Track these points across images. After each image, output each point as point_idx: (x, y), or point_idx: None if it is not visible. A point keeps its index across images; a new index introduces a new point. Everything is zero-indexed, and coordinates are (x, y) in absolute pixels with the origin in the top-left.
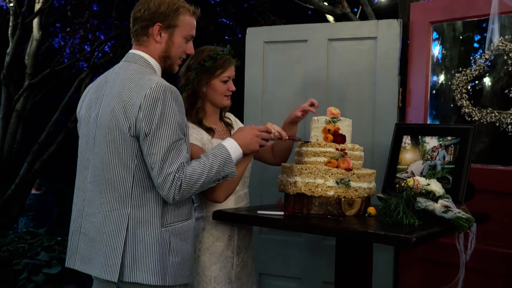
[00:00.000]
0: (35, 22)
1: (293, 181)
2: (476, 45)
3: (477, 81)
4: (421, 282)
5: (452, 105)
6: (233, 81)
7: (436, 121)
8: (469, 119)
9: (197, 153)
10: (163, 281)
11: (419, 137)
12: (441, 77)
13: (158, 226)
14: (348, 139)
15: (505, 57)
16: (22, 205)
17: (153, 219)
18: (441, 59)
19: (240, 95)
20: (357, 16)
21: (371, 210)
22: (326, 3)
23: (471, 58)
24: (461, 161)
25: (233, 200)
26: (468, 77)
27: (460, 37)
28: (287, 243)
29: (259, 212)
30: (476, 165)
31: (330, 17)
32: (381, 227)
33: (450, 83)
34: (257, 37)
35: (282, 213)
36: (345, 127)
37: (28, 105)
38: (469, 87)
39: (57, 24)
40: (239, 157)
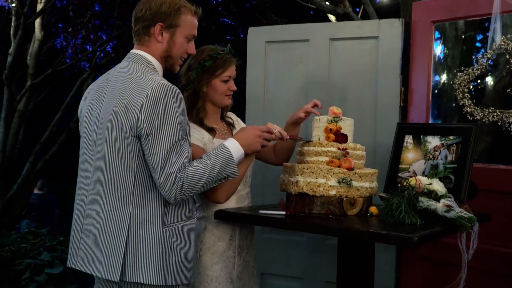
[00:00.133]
0: (37, 22)
1: (295, 180)
2: (479, 44)
3: (479, 81)
4: (423, 282)
5: (454, 105)
6: (235, 80)
7: (438, 121)
8: (471, 119)
9: (198, 153)
10: (164, 280)
11: (421, 136)
12: (443, 77)
13: (160, 226)
14: (350, 138)
15: (507, 56)
16: (24, 205)
17: (154, 219)
18: (443, 59)
19: (241, 94)
20: (359, 16)
21: (373, 209)
22: (328, 2)
23: (473, 58)
24: (463, 160)
25: (234, 200)
26: (470, 77)
27: (462, 36)
28: (289, 242)
29: (260, 212)
30: (478, 164)
31: (332, 17)
32: (383, 226)
33: (452, 83)
34: (258, 37)
35: (284, 212)
36: (347, 126)
37: (30, 105)
38: (471, 86)
39: (59, 24)
40: (240, 157)
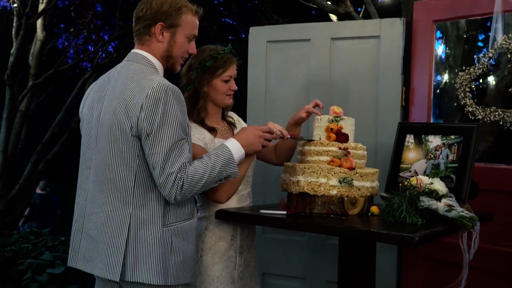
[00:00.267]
0: (39, 23)
1: (295, 180)
2: (480, 44)
3: (481, 80)
4: (424, 282)
5: (455, 104)
6: (236, 80)
7: (439, 120)
8: (472, 118)
9: (199, 153)
10: (164, 280)
11: (423, 136)
12: (445, 76)
13: (160, 225)
14: (351, 138)
15: (508, 56)
16: (26, 205)
17: (155, 219)
18: (444, 58)
19: (243, 94)
20: (360, 15)
21: (374, 209)
22: (329, 2)
23: (474, 57)
24: (464, 160)
25: (236, 200)
26: (472, 76)
27: (464, 35)
28: (290, 242)
29: (261, 212)
30: (480, 164)
31: (333, 16)
32: (384, 226)
33: (453, 82)
34: (260, 36)
35: (285, 212)
36: (348, 126)
37: (32, 106)
38: (472, 85)
39: (61, 25)
40: (241, 157)
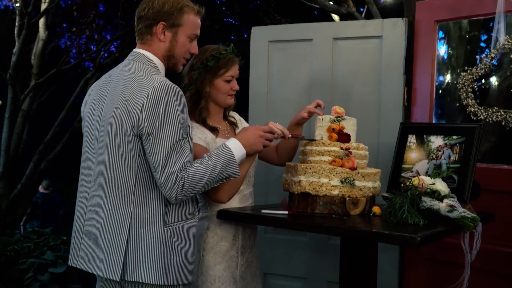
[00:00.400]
0: (41, 22)
1: (297, 180)
2: (483, 44)
3: (483, 80)
4: (426, 282)
5: (457, 104)
6: (238, 80)
7: (441, 121)
8: (474, 118)
9: (200, 153)
10: (165, 280)
11: (424, 136)
12: (447, 76)
13: (161, 225)
14: (353, 138)
15: (511, 56)
16: (28, 205)
17: (155, 218)
18: (447, 58)
19: (244, 94)
20: (363, 15)
21: (376, 209)
22: (331, 2)
23: (477, 57)
24: (466, 160)
25: (237, 200)
26: (474, 76)
27: (466, 36)
28: (291, 242)
29: (263, 212)
30: (482, 164)
31: (335, 16)
32: (385, 226)
33: (455, 82)
34: (262, 36)
35: (287, 212)
36: (349, 126)
37: (34, 105)
38: (475, 86)
39: (63, 24)
40: (242, 157)
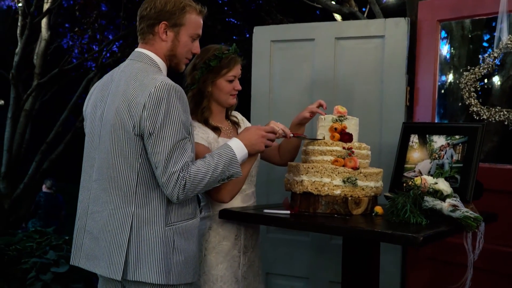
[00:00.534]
0: (43, 22)
1: (299, 180)
2: (485, 44)
3: (485, 80)
4: (428, 282)
5: (460, 104)
6: (240, 80)
7: (444, 120)
8: (477, 118)
9: (203, 152)
10: (166, 280)
11: (427, 136)
12: (450, 76)
13: (162, 225)
14: (355, 137)
15: None
16: (30, 204)
17: (157, 218)
18: (449, 58)
19: (246, 94)
20: (365, 15)
21: (378, 209)
22: (333, 2)
23: (479, 57)
24: (469, 160)
25: (240, 199)
26: (477, 76)
27: (469, 35)
28: (294, 242)
29: (265, 211)
30: (485, 164)
31: (337, 16)
32: (388, 226)
33: (458, 82)
34: (264, 36)
35: (289, 212)
36: (352, 125)
37: (36, 105)
38: (477, 85)
39: (65, 24)
40: (244, 157)
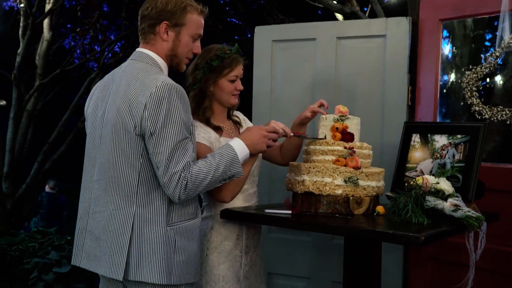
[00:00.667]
0: (45, 23)
1: (301, 179)
2: (487, 43)
3: (487, 79)
4: (430, 282)
5: (462, 103)
6: (242, 79)
7: (446, 120)
8: (479, 117)
9: (204, 152)
10: (168, 280)
11: (429, 135)
12: (451, 75)
13: (164, 225)
14: (357, 137)
15: None
16: (32, 204)
17: (158, 218)
18: (451, 57)
19: (248, 93)
20: (366, 15)
21: (380, 209)
22: (335, 1)
23: (481, 56)
24: (471, 159)
25: (242, 199)
26: (479, 75)
27: (470, 35)
28: (295, 242)
29: (266, 211)
30: (486, 163)
31: (339, 16)
32: (389, 226)
33: (460, 81)
34: (265, 36)
35: (290, 212)
36: (353, 125)
37: (38, 105)
38: (479, 85)
39: (67, 25)
40: (245, 157)
